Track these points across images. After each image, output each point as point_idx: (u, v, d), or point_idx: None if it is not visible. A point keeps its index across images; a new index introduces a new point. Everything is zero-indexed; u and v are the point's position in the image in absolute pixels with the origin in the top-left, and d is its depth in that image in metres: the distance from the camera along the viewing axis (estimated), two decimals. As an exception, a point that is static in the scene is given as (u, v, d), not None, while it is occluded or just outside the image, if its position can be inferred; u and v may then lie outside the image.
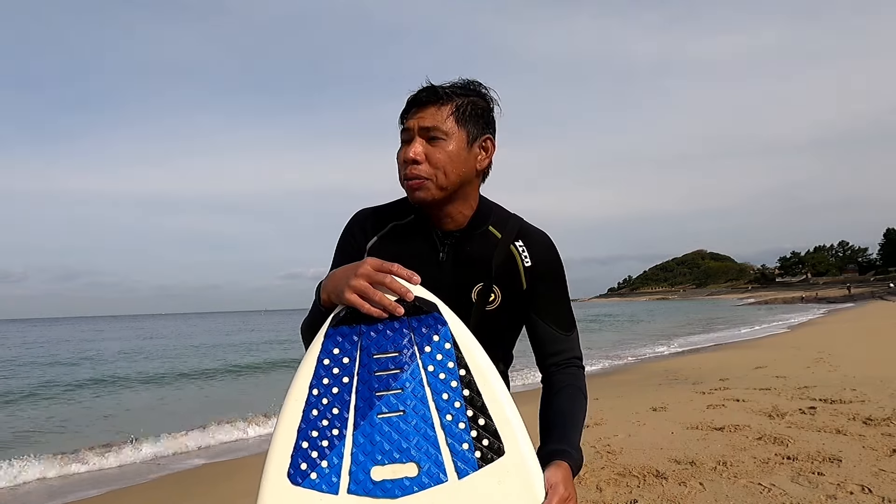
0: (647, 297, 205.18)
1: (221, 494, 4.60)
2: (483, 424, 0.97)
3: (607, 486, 3.59)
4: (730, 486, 3.45)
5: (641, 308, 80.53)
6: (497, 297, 1.25)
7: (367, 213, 1.32)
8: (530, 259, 1.26)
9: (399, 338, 1.01)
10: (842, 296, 65.95)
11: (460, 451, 0.96)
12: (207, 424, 7.38)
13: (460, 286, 1.23)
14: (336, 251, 1.32)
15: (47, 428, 8.71)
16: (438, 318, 1.03)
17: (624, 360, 13.71)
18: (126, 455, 6.34)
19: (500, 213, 1.31)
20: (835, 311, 34.95)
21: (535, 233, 1.31)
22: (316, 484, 0.96)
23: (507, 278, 1.25)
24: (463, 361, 1.01)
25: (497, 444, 0.97)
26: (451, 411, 0.98)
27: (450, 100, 1.18)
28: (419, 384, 0.99)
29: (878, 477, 3.41)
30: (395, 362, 1.00)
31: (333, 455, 0.97)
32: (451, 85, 1.21)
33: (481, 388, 0.99)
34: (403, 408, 0.98)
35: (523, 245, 1.27)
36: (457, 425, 0.97)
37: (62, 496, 5.08)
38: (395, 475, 0.95)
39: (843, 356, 9.82)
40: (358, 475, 0.96)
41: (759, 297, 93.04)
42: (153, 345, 29.65)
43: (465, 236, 1.25)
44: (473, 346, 1.03)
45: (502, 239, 1.26)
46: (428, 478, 0.95)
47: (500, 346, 1.31)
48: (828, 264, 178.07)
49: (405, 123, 1.19)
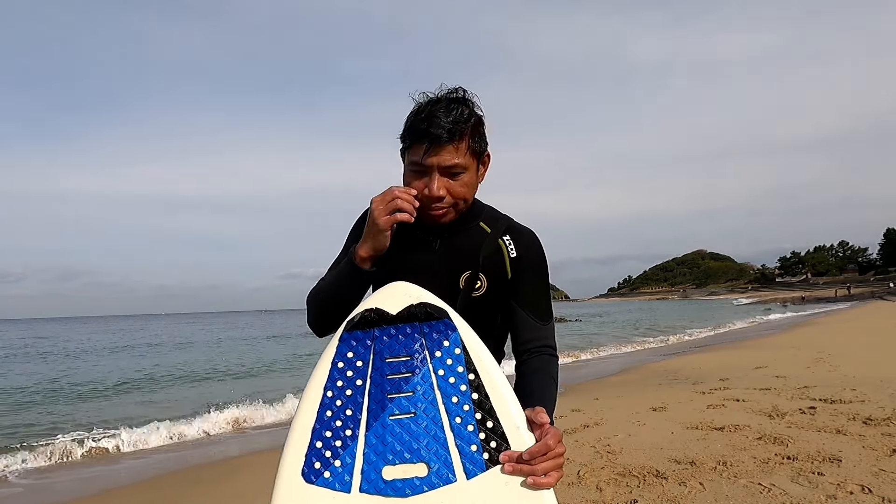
0: (647, 297, 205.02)
1: (222, 494, 4.63)
2: (491, 427, 1.02)
3: (607, 486, 3.61)
4: (730, 486, 3.47)
5: (641, 308, 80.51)
6: (483, 284, 1.36)
7: None
8: (516, 251, 1.37)
9: (411, 342, 1.07)
10: (842, 296, 65.89)
11: (469, 453, 1.00)
12: (208, 425, 7.41)
13: (450, 272, 1.35)
14: (349, 235, 1.47)
15: (48, 429, 8.73)
16: (449, 324, 1.08)
17: (623, 360, 13.72)
18: (126, 455, 6.37)
19: (491, 212, 1.44)
20: (835, 311, 34.99)
21: (523, 229, 1.42)
22: (329, 482, 1.00)
23: (493, 267, 1.36)
24: (472, 366, 1.06)
25: (504, 446, 1.01)
26: (461, 414, 1.03)
27: (465, 135, 1.27)
28: (430, 387, 1.04)
29: (878, 477, 3.43)
30: (407, 366, 1.05)
31: (346, 455, 1.01)
32: (453, 106, 1.27)
33: (490, 392, 1.04)
34: (414, 410, 1.03)
35: (510, 239, 1.39)
36: (466, 428, 1.02)
37: (58, 495, 5.11)
38: (405, 475, 1.00)
39: (843, 356, 9.83)
40: (370, 474, 1.00)
41: (758, 297, 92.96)
42: (147, 344, 29.68)
43: (457, 229, 1.37)
44: (482, 351, 1.08)
45: (491, 233, 1.38)
46: (437, 478, 0.99)
47: (489, 336, 1.37)
48: (828, 264, 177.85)
49: (424, 161, 1.25)
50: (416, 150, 1.26)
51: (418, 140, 1.25)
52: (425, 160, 1.25)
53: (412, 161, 1.27)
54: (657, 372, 10.17)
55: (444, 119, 1.24)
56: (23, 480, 5.67)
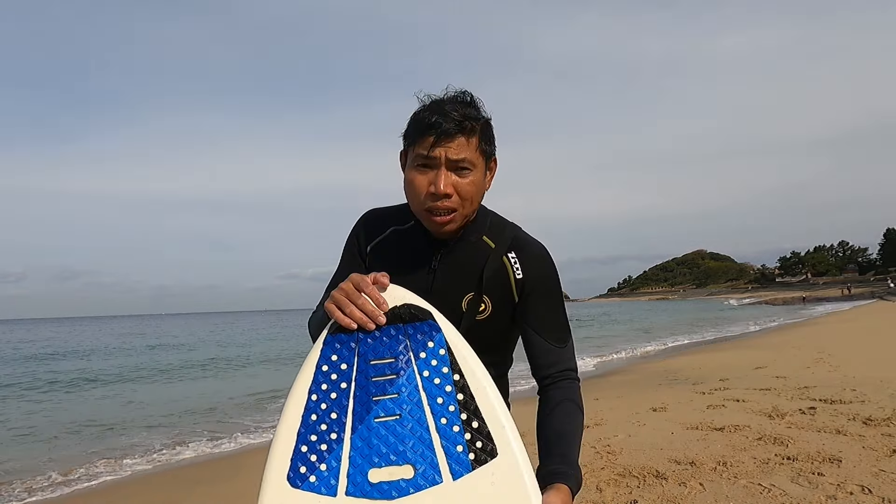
0: (647, 297, 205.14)
1: (222, 494, 4.62)
2: (477, 427, 1.00)
3: (607, 486, 3.59)
4: (730, 486, 3.45)
5: (641, 308, 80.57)
6: (487, 307, 1.27)
7: (370, 216, 1.38)
8: (522, 272, 1.27)
9: (395, 344, 1.05)
10: (842, 296, 65.92)
11: (455, 454, 0.99)
12: (206, 424, 7.40)
13: (451, 294, 1.26)
14: (343, 252, 1.39)
15: (47, 428, 8.71)
16: (433, 325, 1.06)
17: (623, 360, 13.71)
18: (126, 454, 6.36)
19: (495, 221, 1.32)
20: (835, 311, 35.03)
21: (530, 244, 1.31)
22: (315, 487, 0.99)
23: (497, 289, 1.27)
24: (457, 367, 1.04)
25: (490, 446, 0.99)
26: (446, 415, 1.01)
27: (475, 131, 1.19)
28: (415, 389, 1.02)
29: (878, 477, 3.42)
30: (392, 368, 1.04)
31: (332, 458, 1.00)
32: (460, 106, 1.19)
33: (475, 393, 1.02)
34: (400, 412, 1.01)
35: (516, 257, 1.28)
36: (451, 428, 1.00)
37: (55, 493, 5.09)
38: (391, 477, 0.98)
39: (843, 356, 9.82)
40: (356, 477, 0.98)
41: (758, 297, 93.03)
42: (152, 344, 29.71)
43: (458, 245, 1.28)
44: (467, 352, 1.06)
45: (495, 249, 1.28)
46: (423, 479, 0.98)
47: (495, 352, 1.33)
48: (828, 264, 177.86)
49: (431, 153, 1.17)
50: (423, 143, 1.17)
51: (426, 131, 1.16)
52: (432, 152, 1.16)
53: (418, 155, 1.18)
54: (657, 372, 10.16)
55: (453, 112, 1.17)
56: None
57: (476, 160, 1.20)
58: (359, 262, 1.35)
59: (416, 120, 1.21)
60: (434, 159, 1.17)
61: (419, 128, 1.19)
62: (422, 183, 1.19)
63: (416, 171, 1.20)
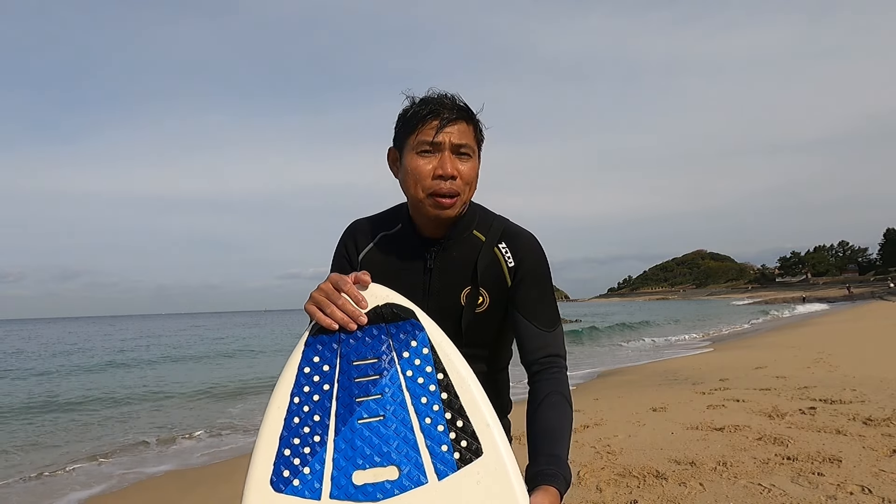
0: (647, 297, 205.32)
1: (222, 494, 4.61)
2: (461, 426, 0.99)
3: (607, 486, 3.57)
4: (730, 486, 3.43)
5: (641, 308, 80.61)
6: (485, 299, 1.28)
7: (357, 226, 1.38)
8: (513, 259, 1.29)
9: (378, 344, 1.03)
10: (842, 296, 65.93)
11: (439, 453, 0.98)
12: (206, 424, 7.38)
13: (449, 291, 1.28)
14: (332, 263, 1.38)
15: (47, 429, 8.69)
16: (416, 324, 1.05)
17: (624, 361, 13.70)
18: (126, 454, 6.34)
19: (483, 215, 1.34)
20: (835, 311, 35.05)
21: (519, 233, 1.33)
22: (298, 490, 0.97)
23: (492, 280, 1.29)
24: (441, 365, 1.02)
25: (475, 445, 0.98)
26: (430, 414, 1.00)
27: (473, 119, 1.25)
28: (398, 389, 1.01)
29: (878, 477, 3.40)
30: (375, 368, 1.02)
31: (315, 461, 0.98)
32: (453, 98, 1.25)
33: (459, 391, 1.01)
34: (383, 412, 1.00)
35: (506, 247, 1.30)
36: (435, 428, 0.99)
37: (54, 496, 5.07)
38: (376, 479, 0.97)
39: (843, 356, 9.81)
40: (340, 480, 0.97)
41: (758, 297, 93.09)
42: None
43: (450, 242, 1.29)
44: (450, 350, 1.05)
45: (486, 242, 1.30)
46: (408, 480, 0.96)
47: (496, 344, 1.34)
48: (828, 264, 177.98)
49: (436, 138, 1.19)
50: (427, 129, 1.19)
51: (430, 117, 1.20)
52: (437, 137, 1.19)
53: (421, 141, 1.20)
54: (657, 372, 10.15)
55: (453, 101, 1.23)
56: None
57: (474, 148, 1.24)
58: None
59: (417, 110, 1.23)
60: (438, 144, 1.20)
61: (422, 114, 1.21)
62: (426, 167, 1.20)
63: (418, 157, 1.21)
